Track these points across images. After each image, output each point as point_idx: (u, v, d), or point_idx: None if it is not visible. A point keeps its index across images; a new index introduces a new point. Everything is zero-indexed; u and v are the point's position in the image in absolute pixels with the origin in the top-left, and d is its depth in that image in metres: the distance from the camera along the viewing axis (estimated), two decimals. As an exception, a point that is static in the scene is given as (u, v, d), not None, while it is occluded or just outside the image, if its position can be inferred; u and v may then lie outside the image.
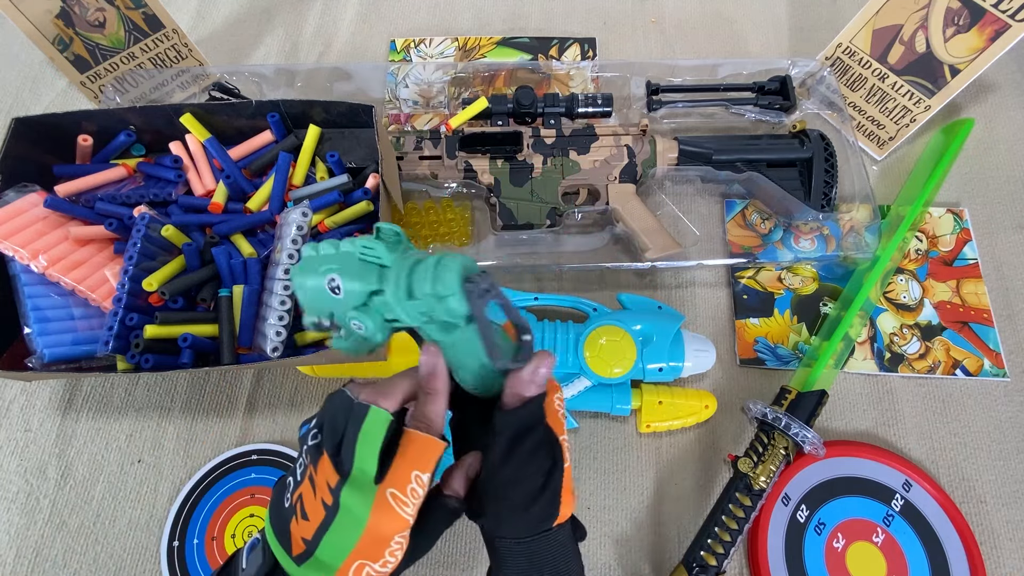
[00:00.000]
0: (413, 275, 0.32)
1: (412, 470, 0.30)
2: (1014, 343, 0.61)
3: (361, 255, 0.33)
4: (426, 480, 0.31)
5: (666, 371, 0.55)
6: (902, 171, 0.69)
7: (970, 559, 0.51)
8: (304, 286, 0.34)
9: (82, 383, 0.61)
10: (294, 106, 0.61)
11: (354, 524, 0.30)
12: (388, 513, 0.30)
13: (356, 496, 0.30)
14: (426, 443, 0.31)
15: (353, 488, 0.30)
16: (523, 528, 0.34)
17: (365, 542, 0.30)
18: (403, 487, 0.30)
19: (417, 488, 0.30)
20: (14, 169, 0.56)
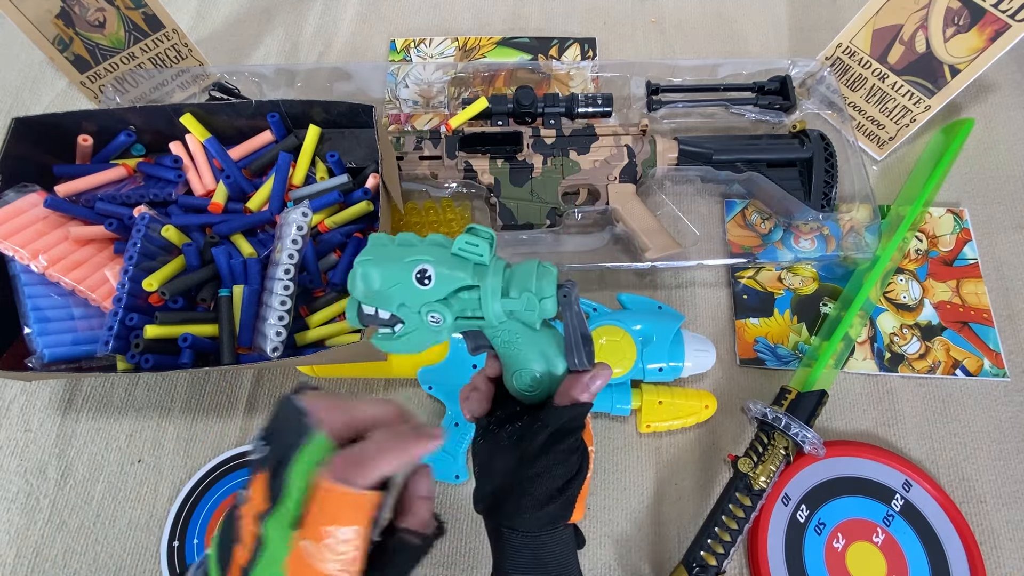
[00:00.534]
0: (513, 275, 0.34)
1: (322, 525, 0.26)
2: (1014, 343, 0.61)
3: (460, 251, 0.33)
4: (346, 535, 0.26)
5: (666, 371, 0.55)
6: (902, 171, 0.69)
7: (970, 559, 0.51)
8: (377, 275, 0.33)
9: (82, 383, 0.61)
10: (294, 106, 0.61)
11: (275, 567, 0.26)
12: (304, 567, 0.26)
13: (276, 535, 0.26)
14: (336, 496, 0.26)
15: (275, 524, 0.26)
16: (535, 523, 0.34)
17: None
18: (316, 540, 0.26)
19: (335, 544, 0.26)
20: (14, 169, 0.56)
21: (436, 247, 0.34)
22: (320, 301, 0.57)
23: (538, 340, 0.35)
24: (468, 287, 0.33)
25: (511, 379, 0.36)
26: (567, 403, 0.34)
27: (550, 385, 0.36)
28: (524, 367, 0.35)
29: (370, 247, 0.35)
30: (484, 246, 0.33)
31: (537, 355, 0.35)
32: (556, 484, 0.34)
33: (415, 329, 0.34)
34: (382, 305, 0.34)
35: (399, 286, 0.33)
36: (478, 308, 0.34)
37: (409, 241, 0.35)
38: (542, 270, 0.34)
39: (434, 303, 0.33)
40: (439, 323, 0.34)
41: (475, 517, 0.55)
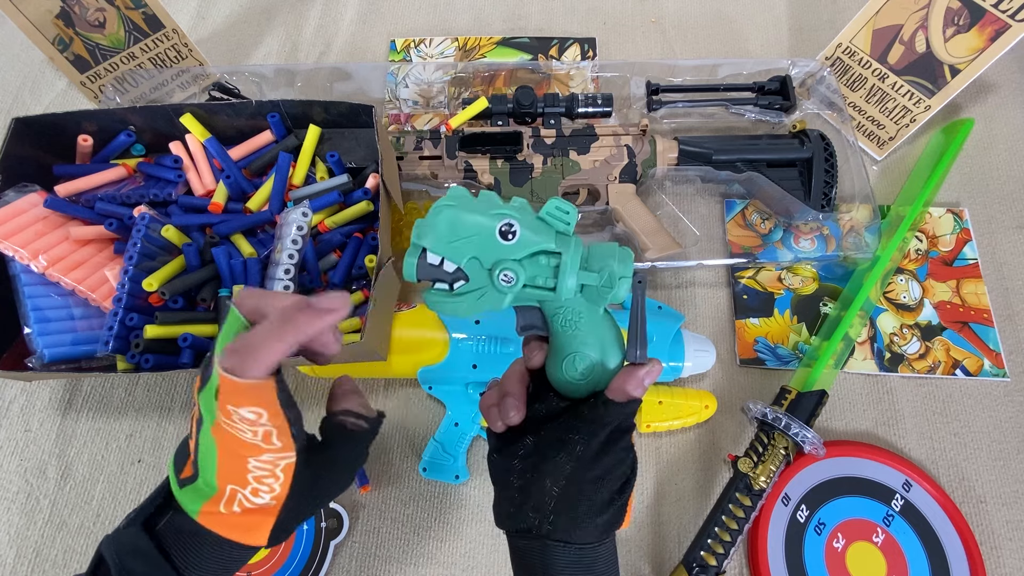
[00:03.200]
0: (592, 252, 0.34)
1: (226, 403, 0.27)
2: (1014, 343, 0.61)
3: (547, 215, 0.33)
4: (250, 415, 0.26)
5: (666, 371, 0.55)
6: (902, 171, 0.69)
7: (970, 559, 0.51)
8: (461, 220, 0.32)
9: (82, 383, 0.61)
10: (294, 106, 0.61)
11: (208, 440, 0.28)
12: (225, 435, 0.27)
13: (205, 406, 0.27)
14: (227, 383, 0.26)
15: (204, 399, 0.27)
16: (594, 532, 0.32)
17: (223, 462, 0.27)
18: (227, 416, 0.27)
19: (243, 419, 0.27)
20: (14, 169, 0.56)
21: (522, 207, 0.34)
22: (320, 301, 0.57)
23: (599, 325, 0.34)
24: (549, 252, 0.33)
25: (561, 365, 0.34)
26: (623, 399, 0.32)
27: (600, 377, 0.34)
28: (580, 351, 0.34)
29: (451, 196, 0.33)
30: (573, 215, 0.33)
31: (595, 341, 0.34)
32: (616, 486, 0.32)
33: (478, 288, 0.33)
34: (452, 256, 0.33)
35: (478, 237, 0.33)
36: (551, 278, 0.33)
37: (493, 198, 0.34)
38: (622, 252, 0.34)
39: (511, 261, 0.33)
40: (510, 284, 0.33)
41: (475, 518, 0.55)
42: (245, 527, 0.28)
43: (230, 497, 0.28)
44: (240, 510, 0.28)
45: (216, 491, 0.28)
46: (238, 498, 0.28)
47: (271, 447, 0.28)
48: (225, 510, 0.28)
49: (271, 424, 0.27)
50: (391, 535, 0.54)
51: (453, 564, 0.53)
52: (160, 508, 0.30)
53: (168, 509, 0.30)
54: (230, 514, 0.28)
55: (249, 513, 0.28)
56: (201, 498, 0.28)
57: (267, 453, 0.28)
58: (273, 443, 0.28)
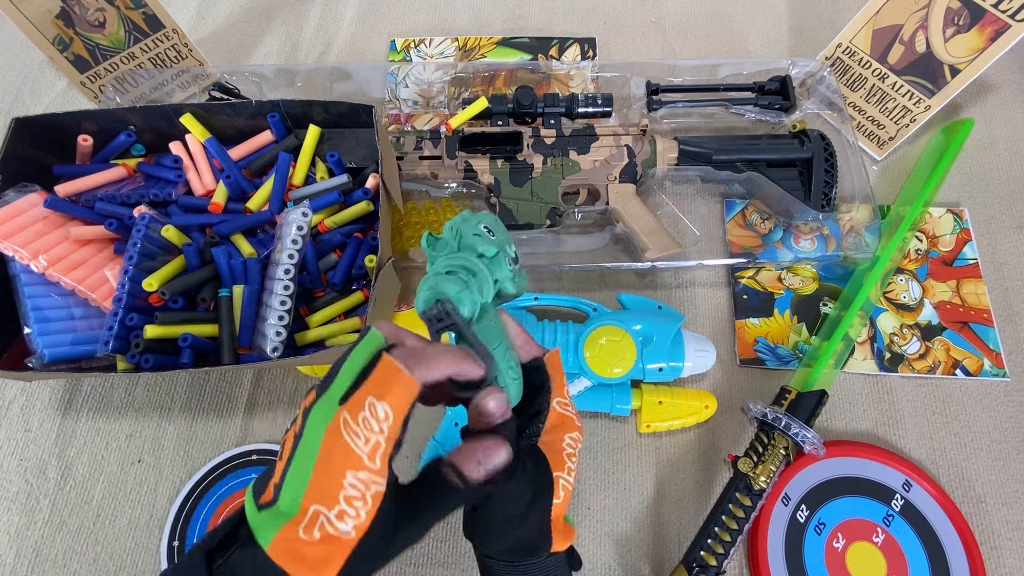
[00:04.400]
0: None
1: (368, 395, 0.27)
2: (1014, 343, 0.61)
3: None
4: (383, 413, 0.26)
5: (666, 371, 0.55)
6: (902, 171, 0.69)
7: (970, 559, 0.51)
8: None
9: (82, 383, 0.61)
10: (294, 106, 0.61)
11: (310, 450, 0.26)
12: (337, 440, 0.26)
13: (318, 415, 0.26)
14: (390, 370, 0.27)
15: (319, 407, 0.27)
16: (508, 553, 0.33)
17: (318, 475, 0.26)
18: (355, 413, 0.26)
19: (370, 419, 0.26)
20: (14, 169, 0.56)
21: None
22: (320, 301, 0.57)
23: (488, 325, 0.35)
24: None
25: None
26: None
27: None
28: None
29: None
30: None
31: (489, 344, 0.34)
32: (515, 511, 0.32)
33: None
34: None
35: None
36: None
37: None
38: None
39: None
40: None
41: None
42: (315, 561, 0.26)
43: (312, 519, 0.26)
44: (320, 536, 0.26)
45: (298, 511, 0.26)
46: (320, 520, 0.26)
47: (371, 466, 0.26)
48: (305, 535, 0.25)
49: (387, 434, 0.27)
50: (391, 535, 0.54)
51: (453, 564, 0.53)
52: (223, 542, 0.28)
53: (232, 543, 0.27)
54: (308, 541, 0.26)
55: (326, 542, 0.26)
56: (280, 521, 0.26)
57: (365, 471, 0.26)
58: (375, 461, 0.26)
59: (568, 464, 0.34)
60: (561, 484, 0.33)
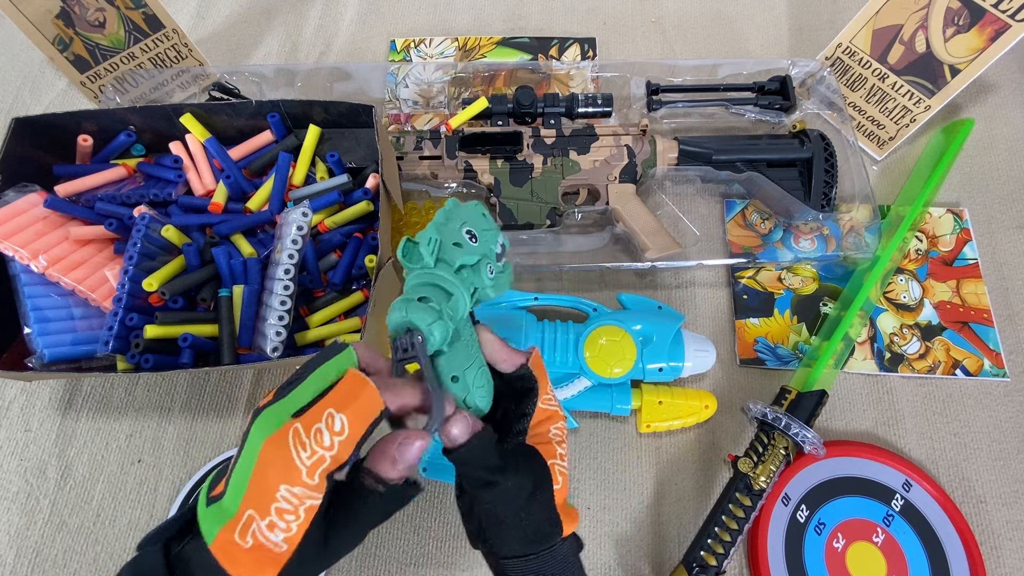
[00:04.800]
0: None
1: (328, 406, 0.26)
2: (1014, 343, 0.61)
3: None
4: (339, 426, 0.26)
5: (666, 371, 0.55)
6: (902, 171, 0.69)
7: (970, 559, 0.51)
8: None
9: (82, 383, 0.61)
10: (294, 106, 0.61)
11: (250, 454, 0.26)
12: (279, 449, 0.25)
13: (265, 422, 0.26)
14: (356, 384, 0.27)
15: (266, 416, 0.26)
16: (523, 544, 0.34)
17: (255, 482, 0.26)
18: (309, 425, 0.26)
19: (323, 430, 0.26)
20: (14, 169, 0.56)
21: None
22: (320, 301, 0.57)
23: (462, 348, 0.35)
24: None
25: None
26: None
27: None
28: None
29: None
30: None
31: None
32: (520, 502, 0.33)
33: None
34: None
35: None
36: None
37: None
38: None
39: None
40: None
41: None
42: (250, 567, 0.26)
43: (246, 524, 0.26)
44: (252, 543, 0.26)
45: (235, 513, 0.26)
46: (252, 528, 0.26)
47: (308, 482, 0.26)
48: (239, 540, 0.26)
49: (336, 452, 0.26)
50: (391, 535, 0.54)
51: (453, 564, 0.53)
52: (182, 531, 0.28)
53: (189, 533, 0.28)
54: (242, 547, 0.26)
55: (258, 551, 0.26)
56: (222, 519, 0.26)
57: (301, 486, 0.26)
58: (313, 477, 0.26)
59: (559, 451, 0.35)
60: (557, 470, 0.35)
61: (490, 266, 0.35)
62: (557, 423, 0.36)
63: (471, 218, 0.36)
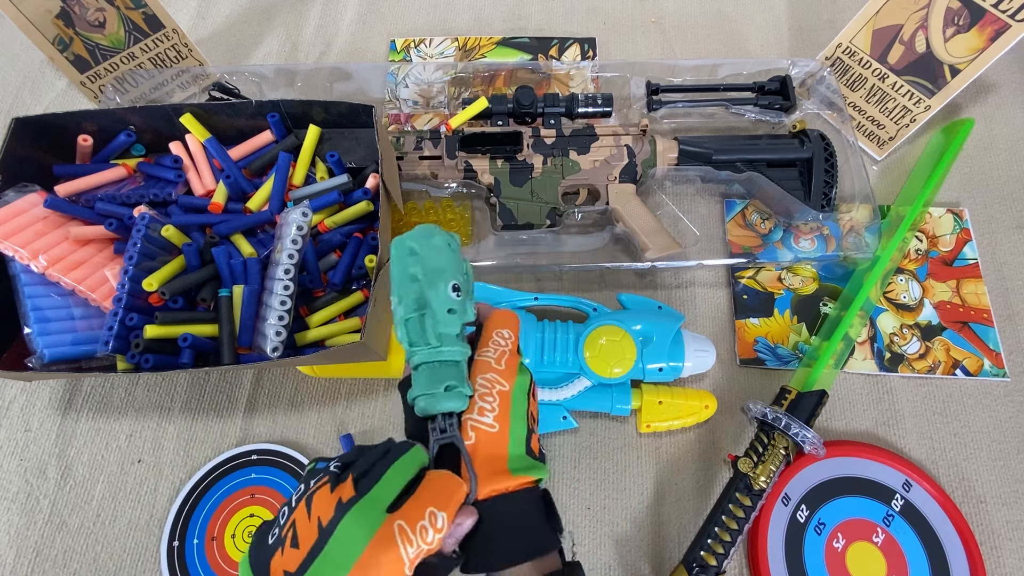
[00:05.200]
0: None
1: (429, 506, 0.28)
2: (1014, 343, 0.61)
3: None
4: (441, 523, 0.29)
5: (666, 371, 0.55)
6: (902, 171, 0.69)
7: (970, 559, 0.51)
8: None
9: (82, 383, 0.61)
10: (294, 106, 0.61)
11: (347, 553, 0.27)
12: (388, 547, 0.27)
13: (359, 519, 0.27)
14: (450, 482, 0.30)
15: (360, 511, 0.27)
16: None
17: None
18: (413, 522, 0.28)
19: (428, 527, 0.28)
20: (14, 169, 0.56)
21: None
22: (320, 301, 0.57)
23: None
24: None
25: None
26: None
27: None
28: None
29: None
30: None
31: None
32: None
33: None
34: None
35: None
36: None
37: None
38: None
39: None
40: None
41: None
42: None
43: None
44: None
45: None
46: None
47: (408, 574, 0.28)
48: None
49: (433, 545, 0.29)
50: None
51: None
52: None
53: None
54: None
55: None
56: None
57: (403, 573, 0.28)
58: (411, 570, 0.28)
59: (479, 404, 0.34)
60: (470, 425, 0.34)
61: (471, 299, 0.37)
62: (485, 374, 0.36)
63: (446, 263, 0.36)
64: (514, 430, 0.35)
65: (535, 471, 0.34)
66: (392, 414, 0.59)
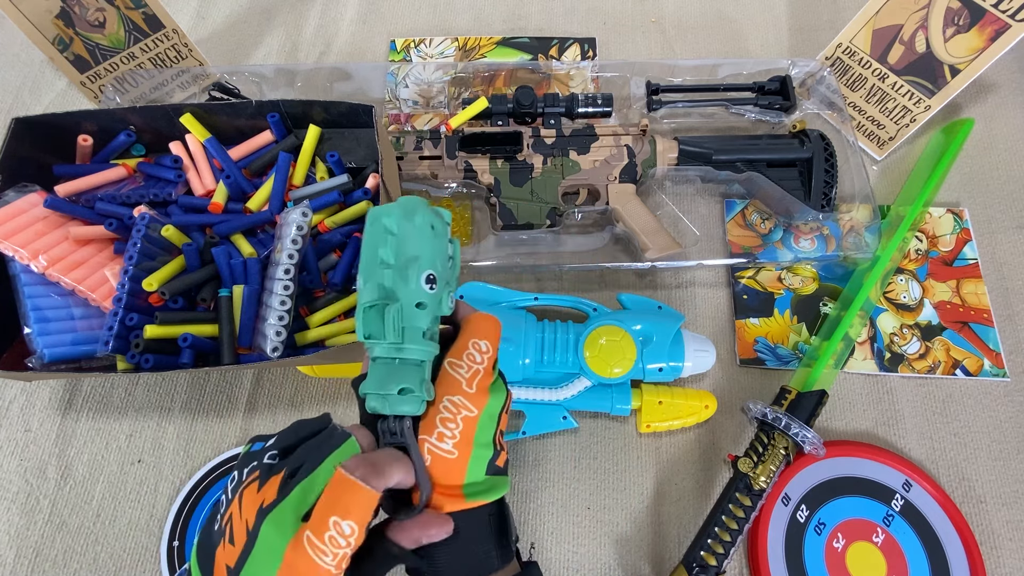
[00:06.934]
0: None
1: (331, 515, 0.27)
2: (1014, 343, 0.61)
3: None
4: (348, 530, 0.27)
5: (666, 371, 0.55)
6: (902, 171, 0.69)
7: (970, 559, 0.51)
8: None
9: (82, 383, 0.61)
10: (294, 106, 0.61)
11: (270, 560, 0.27)
12: (303, 556, 0.27)
13: (275, 527, 0.27)
14: (352, 488, 0.27)
15: (275, 519, 0.27)
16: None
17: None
18: (320, 533, 0.27)
19: (337, 537, 0.27)
20: (14, 169, 0.56)
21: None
22: (320, 301, 0.57)
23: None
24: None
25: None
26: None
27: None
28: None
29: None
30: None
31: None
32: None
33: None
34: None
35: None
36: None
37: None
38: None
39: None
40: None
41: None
42: None
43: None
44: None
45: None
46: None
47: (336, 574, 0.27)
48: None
49: (352, 545, 0.28)
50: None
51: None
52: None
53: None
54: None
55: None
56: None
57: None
58: (340, 569, 0.28)
59: (440, 430, 0.32)
60: (427, 447, 0.32)
61: (449, 291, 0.33)
62: (454, 396, 0.33)
63: (424, 250, 0.32)
64: (475, 457, 0.33)
65: (493, 492, 0.33)
66: (392, 414, 0.59)
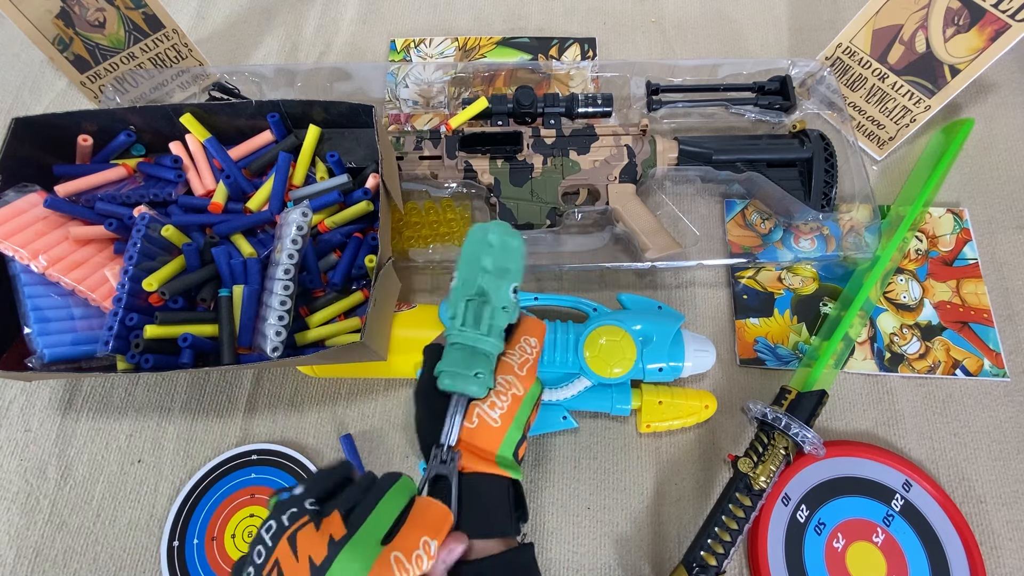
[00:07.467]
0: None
1: (422, 535, 0.30)
2: (1014, 343, 0.61)
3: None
4: (434, 550, 0.30)
5: (666, 371, 0.55)
6: (902, 171, 0.69)
7: (970, 559, 0.51)
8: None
9: (82, 383, 0.61)
10: (294, 106, 0.61)
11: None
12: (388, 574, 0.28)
13: (354, 555, 0.28)
14: (440, 512, 0.32)
15: (354, 546, 0.29)
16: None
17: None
18: (409, 552, 0.29)
19: (423, 555, 0.30)
20: (14, 169, 0.56)
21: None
22: (320, 301, 0.57)
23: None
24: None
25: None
26: None
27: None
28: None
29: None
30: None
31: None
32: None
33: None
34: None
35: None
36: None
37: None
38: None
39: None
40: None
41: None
42: None
43: None
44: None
45: None
46: None
47: None
48: None
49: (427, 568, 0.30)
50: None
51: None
52: None
53: None
54: None
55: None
56: None
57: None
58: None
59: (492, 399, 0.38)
60: (476, 411, 0.38)
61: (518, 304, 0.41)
62: (507, 375, 0.39)
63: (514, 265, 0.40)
64: (511, 432, 0.38)
65: (514, 472, 0.38)
66: (392, 414, 0.59)
